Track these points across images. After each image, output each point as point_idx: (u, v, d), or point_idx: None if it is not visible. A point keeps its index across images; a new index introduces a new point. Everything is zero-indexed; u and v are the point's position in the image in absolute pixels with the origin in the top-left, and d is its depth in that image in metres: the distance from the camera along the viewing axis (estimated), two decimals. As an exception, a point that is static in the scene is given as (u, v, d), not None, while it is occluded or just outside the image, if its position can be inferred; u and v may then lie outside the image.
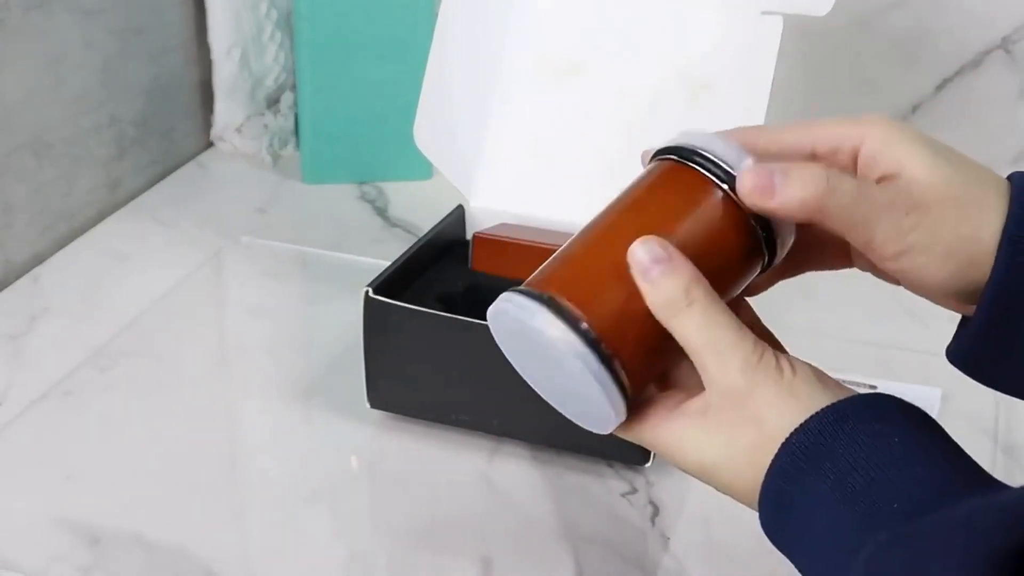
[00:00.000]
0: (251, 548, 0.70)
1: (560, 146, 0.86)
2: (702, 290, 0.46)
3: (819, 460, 0.43)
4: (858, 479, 0.42)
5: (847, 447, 0.43)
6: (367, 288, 0.74)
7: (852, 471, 0.42)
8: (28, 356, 0.86)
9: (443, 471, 0.75)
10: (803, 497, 0.44)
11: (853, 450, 0.43)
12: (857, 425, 0.43)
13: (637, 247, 0.47)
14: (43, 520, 0.70)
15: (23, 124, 0.95)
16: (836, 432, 0.43)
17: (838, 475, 0.43)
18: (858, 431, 0.43)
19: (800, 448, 0.44)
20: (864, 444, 0.43)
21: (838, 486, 0.43)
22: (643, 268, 0.46)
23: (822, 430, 0.44)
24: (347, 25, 1.06)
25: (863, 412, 0.44)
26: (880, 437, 0.43)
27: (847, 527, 0.42)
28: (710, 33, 0.84)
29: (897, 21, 1.10)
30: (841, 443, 0.43)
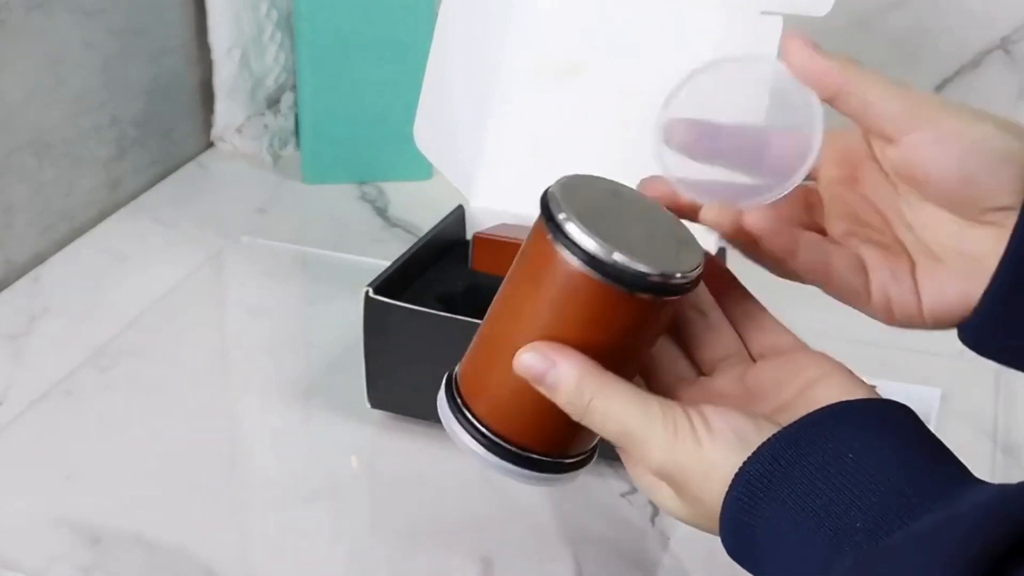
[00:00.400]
0: (251, 548, 0.70)
1: (560, 146, 0.86)
2: (594, 384, 0.45)
3: (775, 489, 0.42)
4: (817, 502, 0.41)
5: (802, 471, 0.42)
6: (367, 288, 0.74)
7: (810, 495, 0.42)
8: (29, 356, 0.86)
9: (443, 471, 0.75)
10: (764, 526, 0.43)
11: (809, 473, 0.42)
12: (810, 447, 0.43)
13: (521, 358, 0.46)
14: (43, 520, 0.70)
15: (24, 124, 0.95)
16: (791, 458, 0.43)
17: (797, 500, 0.42)
18: (811, 453, 0.42)
19: (755, 478, 0.43)
20: (819, 466, 0.42)
21: (798, 511, 0.42)
22: (534, 378, 0.46)
23: (776, 457, 0.43)
24: (347, 25, 1.06)
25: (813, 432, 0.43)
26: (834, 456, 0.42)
27: (813, 551, 0.41)
28: (710, 33, 0.84)
29: (897, 21, 1.10)
30: (797, 469, 0.42)
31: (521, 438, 0.49)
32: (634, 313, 0.46)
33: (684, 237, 0.48)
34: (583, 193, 0.47)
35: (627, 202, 0.49)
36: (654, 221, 0.48)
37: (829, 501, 0.41)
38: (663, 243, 0.47)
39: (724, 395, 0.49)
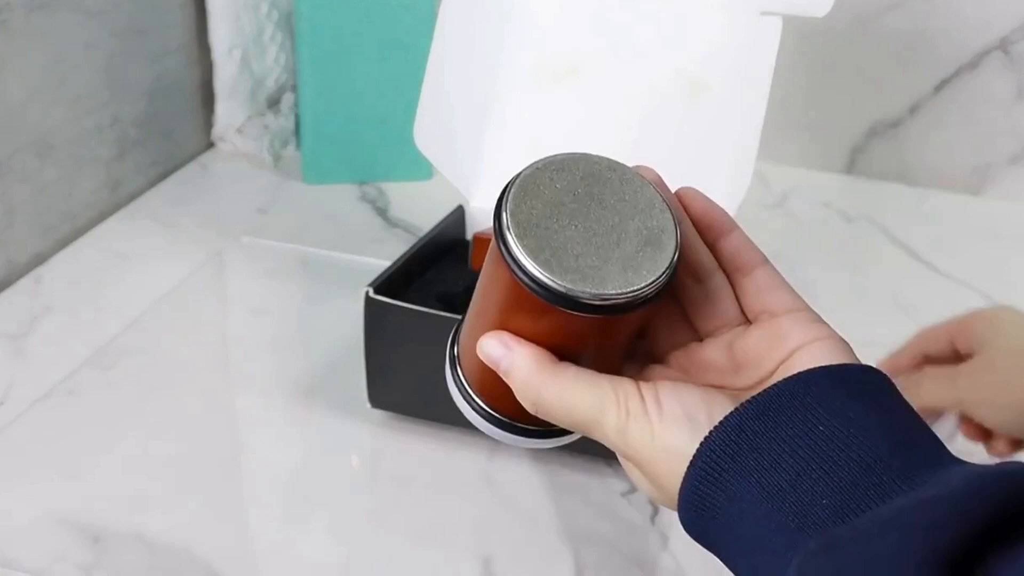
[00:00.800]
0: (252, 546, 0.70)
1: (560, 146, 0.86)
2: (546, 374, 0.45)
3: (740, 460, 0.41)
4: (783, 476, 0.40)
5: (769, 443, 0.41)
6: (368, 288, 0.75)
7: (776, 468, 0.40)
8: (30, 355, 0.86)
9: (443, 471, 0.75)
10: (725, 501, 0.42)
11: (775, 446, 0.41)
12: (778, 418, 0.41)
13: (481, 344, 0.47)
14: (45, 519, 0.70)
15: (25, 125, 0.95)
16: (757, 429, 0.41)
17: (762, 474, 0.41)
18: (780, 424, 0.41)
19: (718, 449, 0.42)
20: (786, 438, 0.41)
21: (762, 486, 0.41)
22: (492, 363, 0.47)
23: (741, 428, 0.42)
24: (347, 26, 1.07)
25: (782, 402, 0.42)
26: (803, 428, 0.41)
27: (777, 529, 0.40)
28: (710, 34, 0.84)
29: (896, 22, 1.10)
30: (763, 440, 0.41)
31: (506, 410, 0.49)
32: (586, 327, 0.45)
33: (655, 232, 0.45)
34: (546, 188, 0.46)
35: (599, 191, 0.46)
36: (627, 213, 0.45)
37: (796, 476, 0.40)
38: (627, 246, 0.45)
39: (710, 363, 0.48)
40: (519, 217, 0.44)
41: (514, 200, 0.45)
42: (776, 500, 0.40)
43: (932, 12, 1.09)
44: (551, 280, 0.43)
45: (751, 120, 0.83)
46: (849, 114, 1.16)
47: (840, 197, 1.14)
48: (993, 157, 1.13)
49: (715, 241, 0.48)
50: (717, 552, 0.44)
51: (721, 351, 0.48)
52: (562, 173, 0.46)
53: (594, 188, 0.46)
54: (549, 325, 0.45)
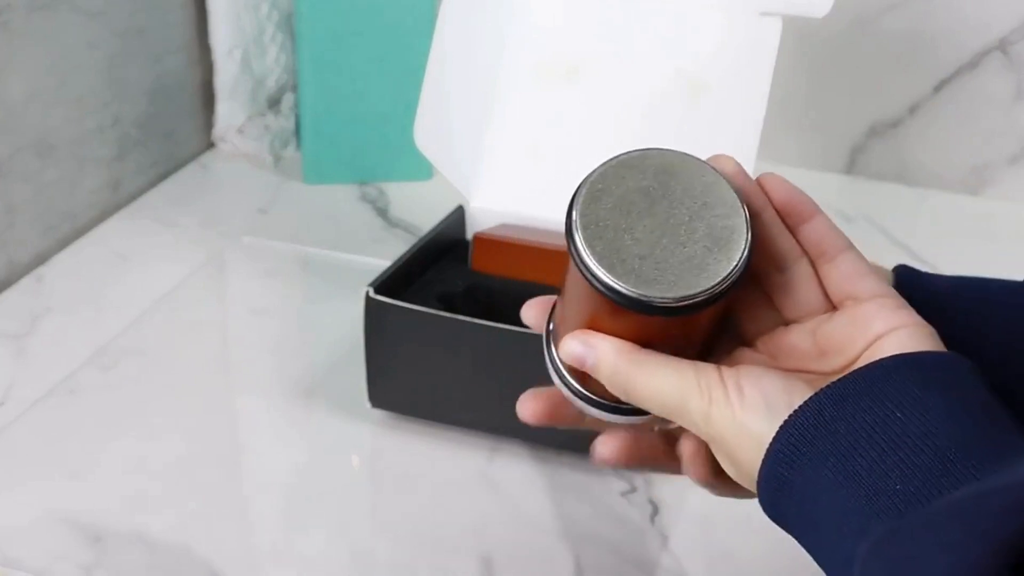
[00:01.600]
0: (252, 546, 0.70)
1: (560, 147, 0.86)
2: (630, 364, 0.46)
3: (818, 444, 0.42)
4: (859, 462, 0.41)
5: (847, 428, 0.42)
6: (368, 288, 0.75)
7: (852, 454, 0.41)
8: (31, 355, 0.86)
9: (443, 470, 0.76)
10: (802, 483, 0.43)
11: (853, 431, 0.41)
12: (857, 404, 0.42)
13: (564, 346, 0.48)
14: (46, 518, 0.70)
15: (26, 125, 0.95)
16: (835, 415, 0.42)
17: (838, 459, 0.41)
18: (858, 410, 0.42)
19: (797, 433, 0.43)
20: (864, 424, 0.41)
21: (838, 470, 0.41)
22: (577, 363, 0.48)
23: (820, 412, 0.43)
24: (347, 26, 1.07)
25: (861, 387, 0.43)
26: (882, 415, 0.41)
27: (850, 513, 0.41)
28: (709, 34, 0.84)
29: (895, 23, 1.10)
30: (841, 425, 0.42)
31: (599, 390, 0.50)
32: (657, 325, 0.46)
33: (726, 231, 0.45)
34: (616, 187, 0.46)
35: (670, 189, 0.46)
36: (697, 210, 0.46)
37: (871, 462, 0.41)
38: (694, 246, 0.45)
39: (795, 349, 0.48)
40: (588, 219, 0.46)
41: (584, 202, 0.46)
42: (851, 485, 0.41)
43: (931, 13, 1.09)
44: (616, 283, 0.44)
45: (751, 120, 0.83)
46: (849, 114, 1.16)
47: (840, 197, 1.14)
48: (992, 157, 1.13)
49: (797, 227, 0.48)
50: (792, 531, 0.45)
51: (806, 337, 0.48)
52: (633, 171, 0.47)
53: (666, 185, 0.46)
54: (624, 323, 0.46)
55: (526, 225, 0.84)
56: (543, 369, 0.74)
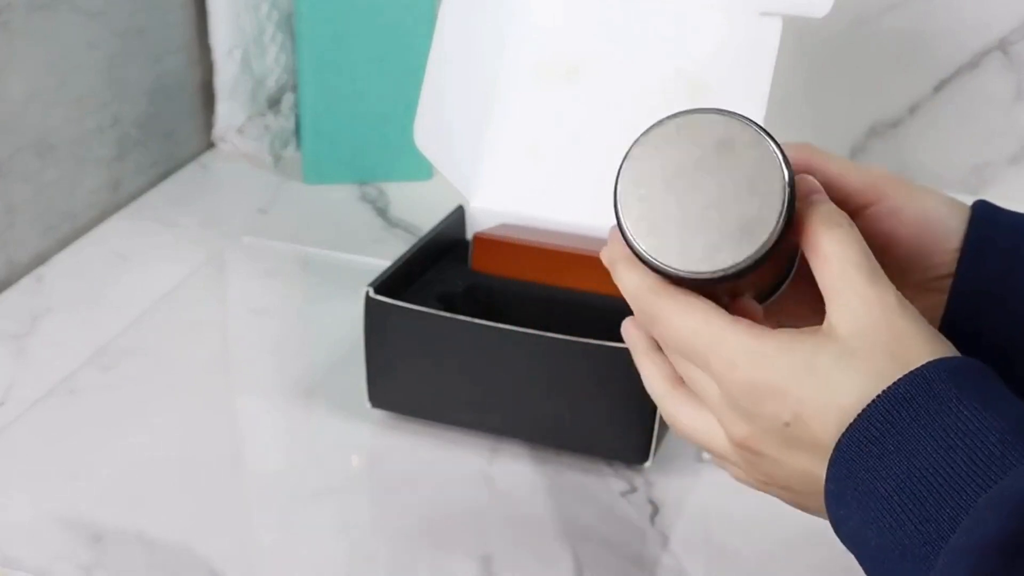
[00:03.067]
0: (252, 546, 0.70)
1: (560, 147, 0.86)
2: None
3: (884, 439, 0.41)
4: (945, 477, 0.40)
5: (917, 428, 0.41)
6: (368, 288, 0.75)
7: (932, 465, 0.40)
8: (31, 355, 0.86)
9: (443, 470, 0.76)
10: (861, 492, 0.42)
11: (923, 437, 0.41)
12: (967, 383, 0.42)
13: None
14: (46, 518, 0.70)
15: (26, 125, 0.95)
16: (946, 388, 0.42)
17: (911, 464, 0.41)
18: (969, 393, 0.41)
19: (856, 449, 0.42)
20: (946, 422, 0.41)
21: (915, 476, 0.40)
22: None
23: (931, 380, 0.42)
24: (348, 26, 1.07)
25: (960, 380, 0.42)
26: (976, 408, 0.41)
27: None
28: (709, 34, 0.84)
29: (895, 23, 1.10)
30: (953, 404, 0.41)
31: None
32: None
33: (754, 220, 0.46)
34: (668, 151, 0.48)
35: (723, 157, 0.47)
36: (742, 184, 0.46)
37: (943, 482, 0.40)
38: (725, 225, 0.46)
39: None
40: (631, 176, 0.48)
41: (633, 157, 0.48)
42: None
43: (931, 12, 1.09)
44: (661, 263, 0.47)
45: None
46: (849, 114, 1.16)
47: (840, 197, 1.14)
48: (992, 157, 1.13)
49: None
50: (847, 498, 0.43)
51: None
52: (694, 131, 0.48)
53: (720, 152, 0.47)
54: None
55: (526, 225, 0.84)
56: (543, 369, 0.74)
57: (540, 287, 0.79)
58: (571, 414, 0.74)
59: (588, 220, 0.80)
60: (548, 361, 0.72)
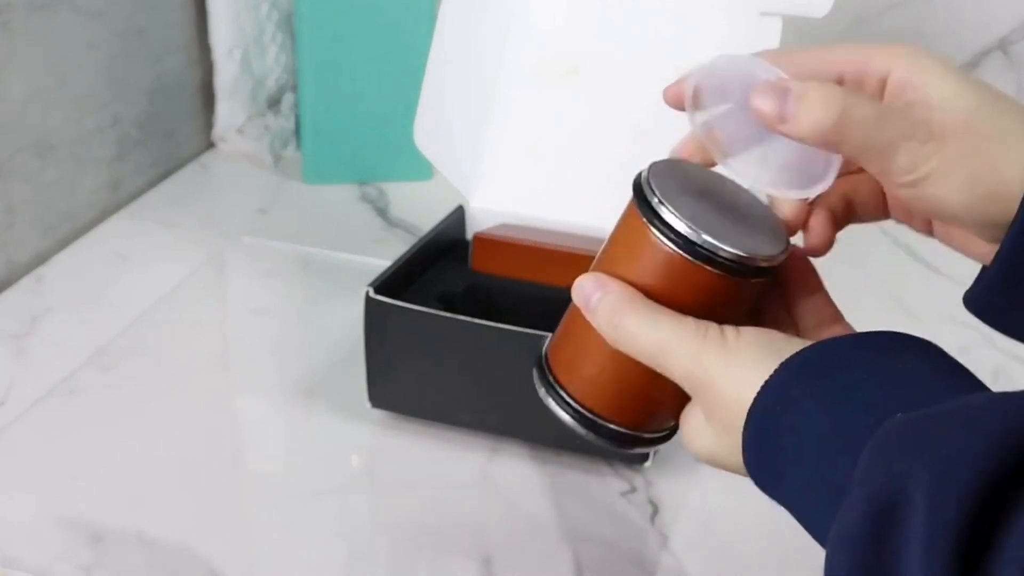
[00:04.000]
0: (252, 546, 0.70)
1: (560, 147, 0.86)
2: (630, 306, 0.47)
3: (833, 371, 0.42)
4: (861, 395, 0.41)
5: (850, 370, 0.42)
6: (368, 288, 0.75)
7: (855, 387, 0.42)
8: (31, 355, 0.86)
9: (443, 471, 0.76)
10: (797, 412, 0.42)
11: (854, 373, 0.42)
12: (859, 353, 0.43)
13: (575, 286, 0.49)
14: (46, 518, 0.70)
15: (26, 125, 0.95)
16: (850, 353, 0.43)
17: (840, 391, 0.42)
18: (859, 360, 0.43)
19: (800, 366, 0.43)
20: (867, 366, 0.42)
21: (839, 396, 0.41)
22: (583, 301, 0.48)
23: (838, 344, 0.43)
24: (348, 26, 1.07)
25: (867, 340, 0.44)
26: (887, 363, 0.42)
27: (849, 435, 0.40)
28: (709, 34, 0.84)
29: (895, 22, 1.10)
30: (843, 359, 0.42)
31: (604, 411, 0.50)
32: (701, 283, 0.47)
33: (773, 226, 0.50)
34: (681, 174, 0.50)
35: (718, 189, 0.50)
36: (746, 208, 0.50)
37: (878, 398, 0.41)
38: (750, 229, 0.48)
39: None
40: (659, 183, 0.48)
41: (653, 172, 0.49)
42: (855, 411, 0.41)
43: (932, 13, 1.09)
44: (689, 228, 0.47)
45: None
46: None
47: (840, 197, 1.14)
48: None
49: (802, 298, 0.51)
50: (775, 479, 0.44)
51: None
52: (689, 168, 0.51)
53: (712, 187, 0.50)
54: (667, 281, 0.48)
55: (526, 225, 0.84)
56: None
57: (540, 287, 0.79)
58: (571, 414, 0.74)
59: (588, 220, 0.80)
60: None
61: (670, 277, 0.48)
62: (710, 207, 0.48)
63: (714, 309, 0.48)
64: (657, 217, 0.47)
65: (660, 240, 0.47)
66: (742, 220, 0.49)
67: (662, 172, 0.49)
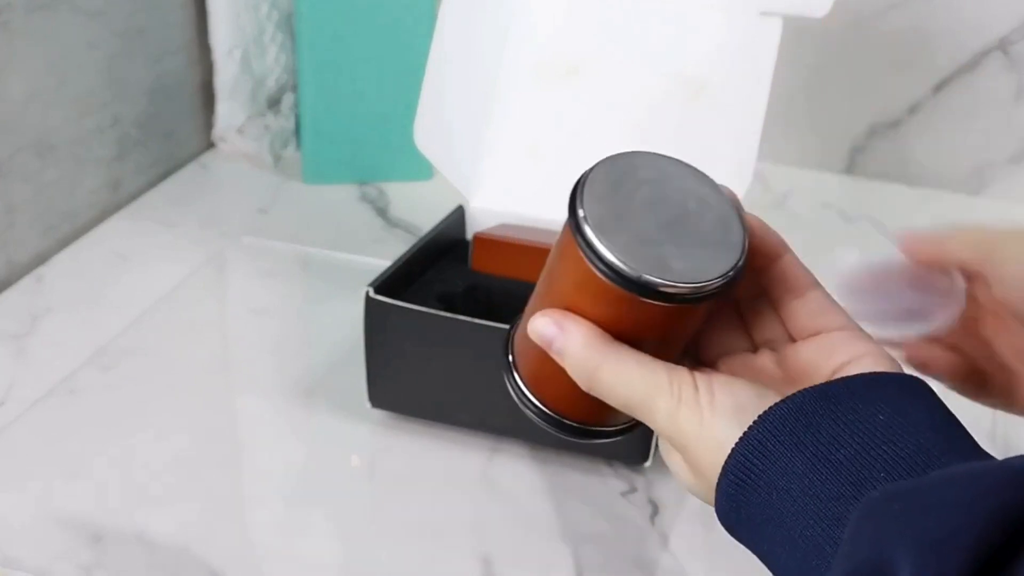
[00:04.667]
0: (252, 546, 0.70)
1: (560, 147, 0.86)
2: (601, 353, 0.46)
3: (798, 435, 0.42)
4: (841, 452, 0.41)
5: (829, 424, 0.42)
6: (368, 288, 0.75)
7: (834, 445, 0.41)
8: (31, 355, 0.86)
9: (443, 470, 0.76)
10: (774, 472, 0.42)
11: (835, 427, 0.41)
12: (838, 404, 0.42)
13: (534, 323, 0.47)
14: (46, 518, 0.70)
15: (26, 125, 0.95)
16: (819, 410, 0.42)
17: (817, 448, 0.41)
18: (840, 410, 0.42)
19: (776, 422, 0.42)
20: (846, 422, 0.42)
21: (817, 459, 0.41)
22: (544, 343, 0.47)
23: (802, 407, 0.42)
24: (348, 26, 1.07)
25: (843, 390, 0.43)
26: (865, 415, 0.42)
27: (827, 499, 0.40)
28: (710, 34, 0.85)
29: (895, 23, 1.10)
30: (824, 420, 0.42)
31: (556, 405, 0.50)
32: (651, 316, 0.45)
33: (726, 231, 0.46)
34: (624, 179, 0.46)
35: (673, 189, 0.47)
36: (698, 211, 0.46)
37: (855, 453, 0.40)
38: (697, 242, 0.45)
39: (762, 371, 0.49)
40: (594, 204, 0.45)
41: (590, 186, 0.46)
42: (830, 471, 0.41)
43: (931, 13, 1.09)
44: (625, 265, 0.44)
45: (751, 120, 0.83)
46: (849, 114, 1.16)
47: (840, 197, 1.14)
48: (993, 157, 1.13)
49: (768, 264, 0.49)
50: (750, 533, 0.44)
51: (774, 363, 0.49)
52: (636, 168, 0.47)
53: (668, 185, 0.47)
54: (608, 311, 0.45)
55: (526, 225, 0.84)
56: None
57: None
58: (571, 414, 0.74)
59: None
60: (548, 361, 0.72)
61: (623, 310, 0.45)
62: (656, 220, 0.45)
63: (676, 331, 0.47)
64: (595, 253, 0.44)
65: (602, 278, 0.44)
66: (693, 229, 0.46)
67: (601, 182, 0.46)
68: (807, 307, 0.49)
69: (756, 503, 0.43)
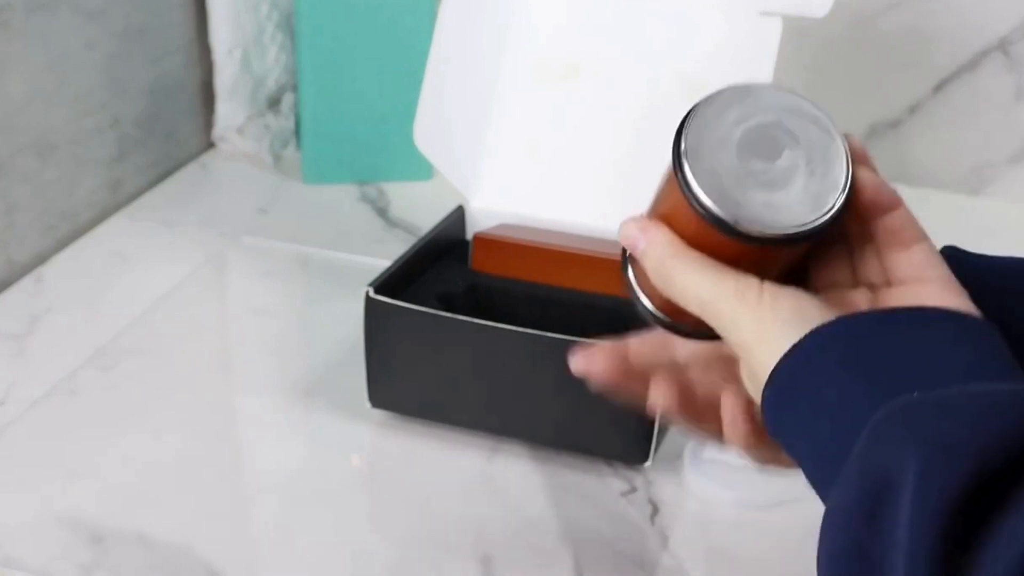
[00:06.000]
0: (252, 546, 0.70)
1: (560, 146, 0.86)
2: (676, 258, 0.48)
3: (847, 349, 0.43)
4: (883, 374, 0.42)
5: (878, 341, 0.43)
6: (368, 288, 0.75)
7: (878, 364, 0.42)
8: (31, 355, 0.86)
9: (443, 471, 0.76)
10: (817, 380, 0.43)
11: (884, 345, 0.43)
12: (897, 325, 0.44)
13: (624, 226, 0.50)
14: (46, 518, 0.70)
15: (26, 125, 0.95)
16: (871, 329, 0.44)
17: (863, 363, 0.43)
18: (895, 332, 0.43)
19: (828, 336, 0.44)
20: (898, 341, 0.43)
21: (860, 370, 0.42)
22: (630, 245, 0.50)
23: (856, 324, 0.44)
24: (348, 26, 1.07)
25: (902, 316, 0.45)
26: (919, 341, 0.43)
27: (859, 402, 0.41)
28: (709, 34, 0.85)
29: (895, 23, 1.10)
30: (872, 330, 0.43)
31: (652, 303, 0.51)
32: (732, 249, 0.47)
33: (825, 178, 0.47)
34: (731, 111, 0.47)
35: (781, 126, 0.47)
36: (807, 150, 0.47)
37: (897, 374, 0.42)
38: (804, 182, 0.46)
39: (853, 306, 0.50)
40: (699, 134, 0.47)
41: (701, 114, 0.47)
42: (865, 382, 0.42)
43: (931, 12, 1.09)
44: (711, 200, 0.46)
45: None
46: (848, 114, 1.16)
47: (840, 197, 1.14)
48: (992, 157, 1.13)
49: (880, 215, 0.50)
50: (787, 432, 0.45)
51: (866, 300, 0.50)
52: (758, 101, 0.48)
53: (783, 125, 0.48)
54: (700, 237, 0.47)
55: (526, 225, 0.84)
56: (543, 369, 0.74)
57: (540, 287, 0.79)
58: (571, 414, 0.74)
59: (588, 220, 0.80)
60: (548, 361, 0.72)
61: (707, 237, 0.47)
62: (757, 158, 0.46)
63: (755, 267, 0.48)
64: (687, 185, 0.46)
65: (692, 207, 0.46)
66: (794, 170, 0.46)
67: (711, 115, 0.47)
68: (911, 258, 0.50)
69: (797, 410, 0.44)
